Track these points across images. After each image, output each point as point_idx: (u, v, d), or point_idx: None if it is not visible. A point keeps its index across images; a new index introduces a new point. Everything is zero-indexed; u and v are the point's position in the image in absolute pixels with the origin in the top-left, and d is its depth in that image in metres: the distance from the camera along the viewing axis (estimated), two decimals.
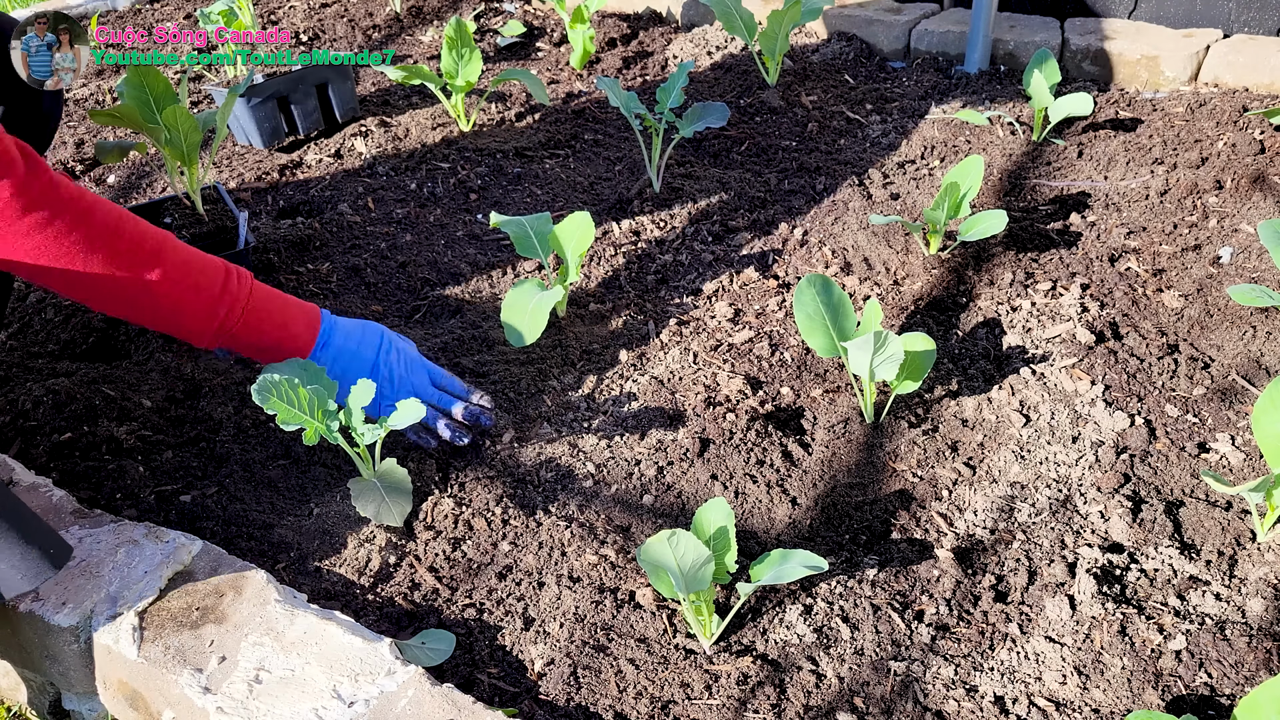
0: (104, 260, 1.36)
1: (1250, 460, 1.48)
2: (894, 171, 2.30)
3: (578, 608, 1.31)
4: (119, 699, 1.26)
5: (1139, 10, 2.76)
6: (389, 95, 2.81)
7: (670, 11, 3.25)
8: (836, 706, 1.18)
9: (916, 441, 1.56)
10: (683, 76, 2.20)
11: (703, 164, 2.39)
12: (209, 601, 1.27)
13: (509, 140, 2.52)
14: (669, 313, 1.89)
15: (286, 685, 1.16)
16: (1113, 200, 2.12)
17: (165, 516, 1.46)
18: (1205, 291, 1.81)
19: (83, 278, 1.36)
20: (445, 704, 1.12)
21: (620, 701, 1.20)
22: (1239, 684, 1.17)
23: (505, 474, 1.54)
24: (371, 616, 1.32)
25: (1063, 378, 1.64)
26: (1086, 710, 1.16)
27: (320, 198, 2.30)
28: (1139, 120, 2.39)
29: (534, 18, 3.33)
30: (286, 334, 1.52)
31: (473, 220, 2.21)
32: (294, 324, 1.53)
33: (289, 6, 3.48)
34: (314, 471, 1.56)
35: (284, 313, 1.53)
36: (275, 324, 1.51)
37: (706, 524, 1.28)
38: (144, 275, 1.39)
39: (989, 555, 1.37)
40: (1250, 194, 2.02)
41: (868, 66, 2.84)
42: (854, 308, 1.71)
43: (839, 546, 1.40)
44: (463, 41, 2.41)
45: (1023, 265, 1.93)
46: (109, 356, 1.82)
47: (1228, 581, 1.30)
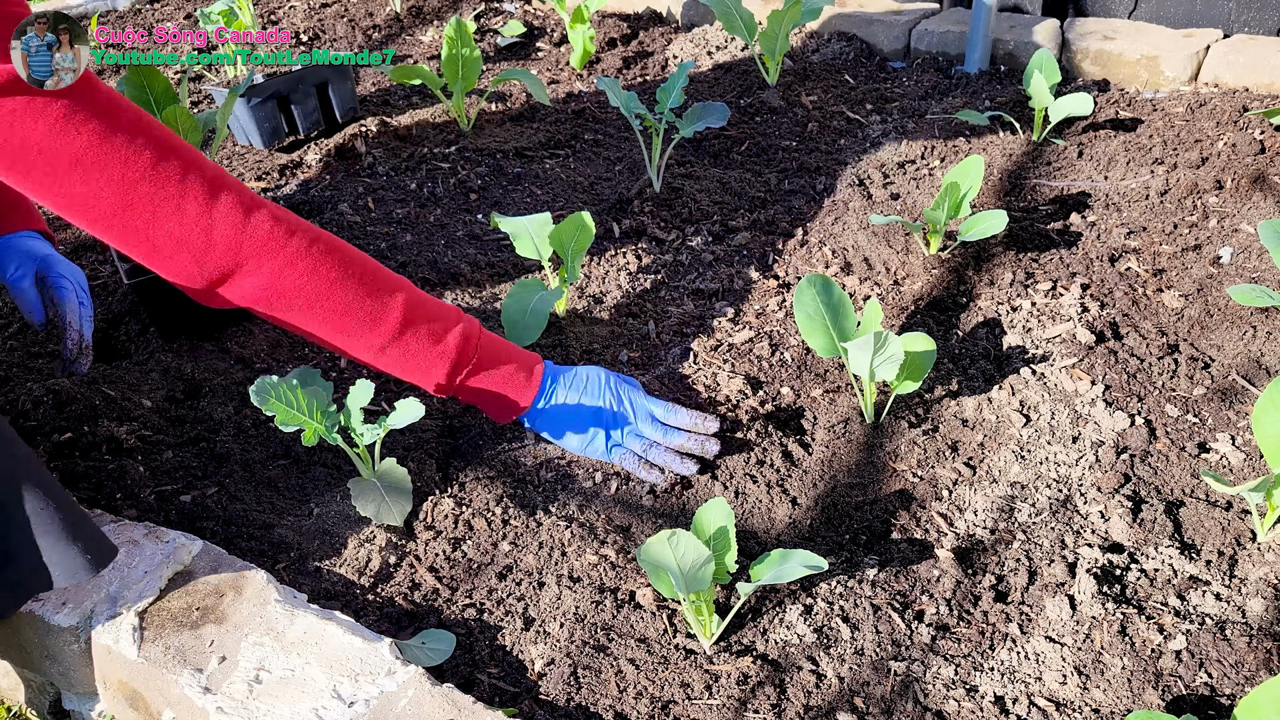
0: (357, 286, 1.36)
1: (1250, 460, 1.48)
2: (894, 171, 2.30)
3: (578, 608, 1.31)
4: (119, 699, 1.26)
5: (1139, 10, 2.76)
6: (389, 95, 2.81)
7: (670, 11, 3.25)
8: (837, 706, 1.18)
9: (916, 441, 1.56)
10: (683, 76, 2.20)
11: (703, 164, 2.39)
12: (209, 601, 1.27)
13: (509, 140, 2.52)
14: (669, 313, 1.89)
15: (286, 685, 1.16)
16: (1113, 200, 2.12)
17: (165, 516, 1.46)
18: (1205, 291, 1.81)
19: (332, 306, 1.35)
20: (445, 704, 1.12)
21: (620, 701, 1.20)
22: (1239, 684, 1.17)
23: (505, 474, 1.54)
24: (371, 616, 1.32)
25: (1063, 378, 1.64)
26: (1086, 710, 1.16)
27: (320, 198, 2.30)
28: (1139, 120, 2.39)
29: (534, 18, 3.33)
30: (509, 387, 1.50)
31: (473, 220, 2.22)
32: (515, 379, 1.50)
33: (289, 6, 3.48)
34: (314, 471, 1.56)
35: (509, 363, 1.50)
36: (500, 378, 1.49)
37: (706, 524, 1.28)
38: (388, 301, 1.38)
39: (989, 555, 1.37)
40: (1250, 194, 2.02)
41: (868, 66, 2.84)
42: (854, 308, 1.71)
43: (839, 546, 1.40)
44: (463, 41, 2.41)
45: (1023, 265, 1.93)
46: (109, 356, 1.82)
47: (1228, 581, 1.30)
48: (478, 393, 1.50)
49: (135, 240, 1.27)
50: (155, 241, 1.27)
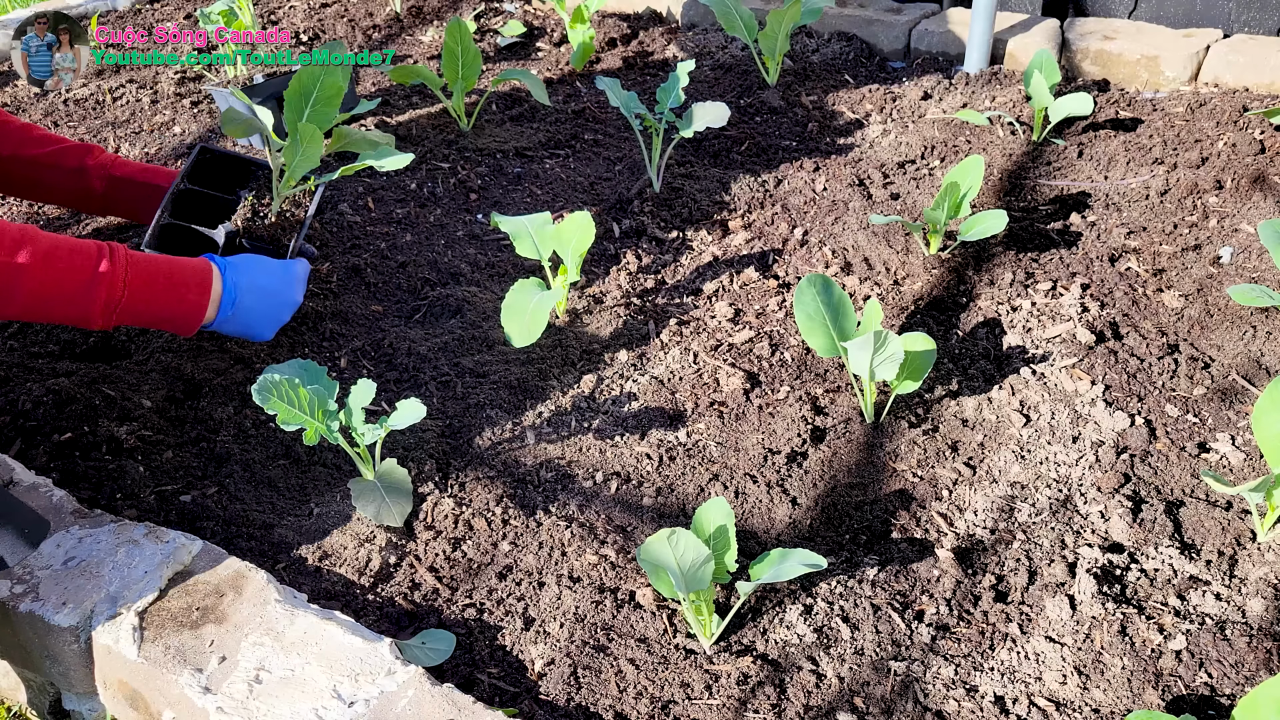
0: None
1: (1250, 460, 1.48)
2: (894, 171, 2.30)
3: (578, 608, 1.31)
4: (119, 699, 1.26)
5: (1139, 10, 2.76)
6: (389, 95, 2.81)
7: (670, 11, 3.25)
8: (836, 706, 1.18)
9: (917, 441, 1.56)
10: (683, 76, 2.20)
11: (703, 164, 2.39)
12: (209, 601, 1.27)
13: (509, 140, 2.52)
14: (669, 313, 1.89)
15: (286, 685, 1.16)
16: (1113, 200, 2.12)
17: (165, 516, 1.46)
18: (1205, 291, 1.81)
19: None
20: (445, 704, 1.12)
21: (620, 701, 1.20)
22: (1239, 684, 1.17)
23: (505, 474, 1.54)
24: (372, 616, 1.32)
25: (1063, 378, 1.64)
26: (1086, 710, 1.16)
27: (320, 197, 2.30)
28: (1139, 120, 2.39)
29: (534, 18, 3.33)
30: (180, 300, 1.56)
31: (473, 220, 2.22)
32: (186, 289, 1.56)
33: (289, 6, 3.48)
34: (314, 471, 1.56)
35: (172, 278, 1.55)
36: (162, 289, 1.54)
37: (706, 523, 1.28)
38: (13, 260, 1.39)
39: (989, 555, 1.37)
40: (1250, 194, 2.02)
41: (868, 66, 2.84)
42: (854, 308, 1.71)
43: (839, 546, 1.40)
44: (463, 41, 2.41)
45: (1023, 265, 1.93)
46: (109, 356, 1.82)
47: (1228, 581, 1.30)
48: (146, 319, 1.56)
49: None
50: None
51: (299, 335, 1.84)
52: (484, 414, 1.66)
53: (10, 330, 1.90)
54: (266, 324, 1.70)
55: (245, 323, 1.66)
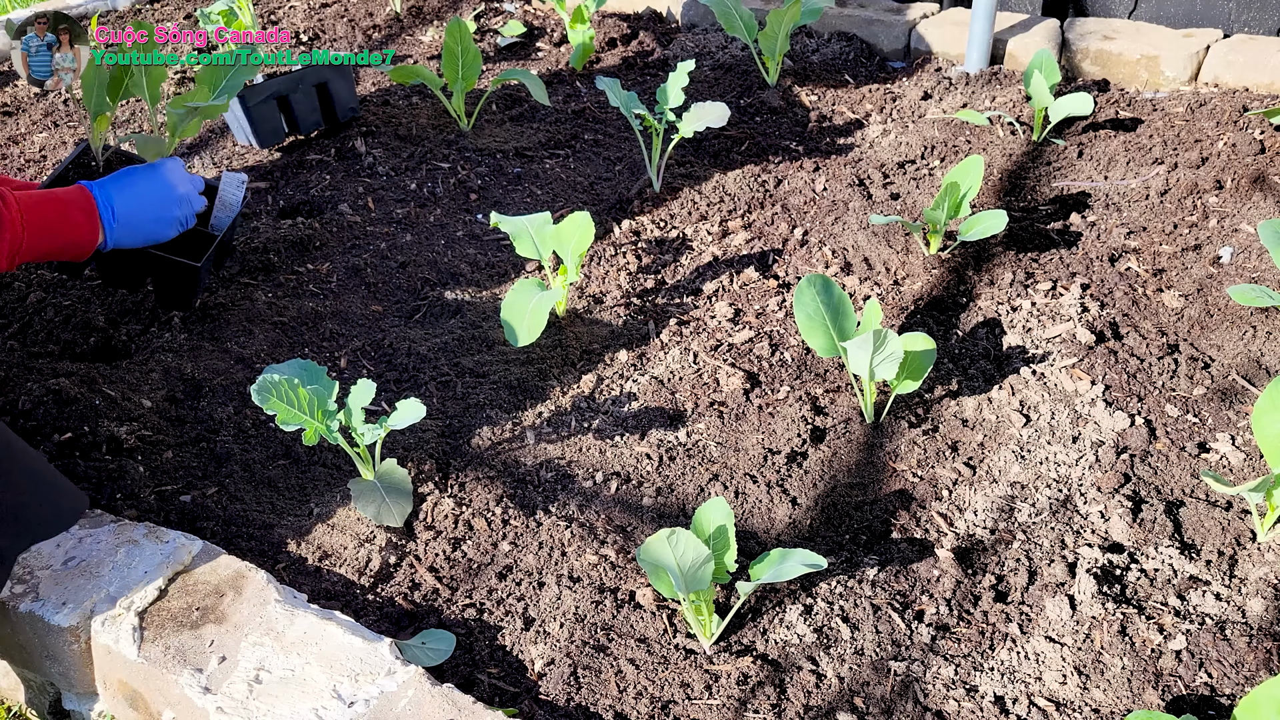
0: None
1: (1250, 460, 1.48)
2: (894, 171, 2.30)
3: (578, 608, 1.31)
4: (119, 699, 1.26)
5: (1139, 10, 2.76)
6: (389, 95, 2.81)
7: (670, 11, 3.25)
8: (836, 706, 1.18)
9: (917, 441, 1.56)
10: (683, 76, 2.20)
11: (703, 164, 2.39)
12: (209, 601, 1.27)
13: (509, 140, 2.52)
14: (669, 313, 1.89)
15: (286, 685, 1.16)
16: (1113, 200, 2.12)
17: (165, 516, 1.46)
18: (1205, 291, 1.81)
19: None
20: (445, 704, 1.12)
21: (620, 701, 1.20)
22: (1239, 684, 1.17)
23: (505, 474, 1.54)
24: (371, 616, 1.32)
25: (1063, 378, 1.64)
26: (1086, 710, 1.16)
27: (320, 198, 2.30)
28: (1139, 120, 2.39)
29: (534, 18, 3.33)
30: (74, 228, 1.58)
31: (473, 220, 2.22)
32: (74, 215, 1.58)
33: (289, 6, 3.48)
34: (314, 471, 1.56)
35: (60, 209, 1.57)
36: (54, 220, 1.56)
37: (706, 523, 1.28)
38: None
39: (989, 555, 1.37)
40: (1250, 194, 2.02)
41: (868, 66, 2.84)
42: (854, 308, 1.71)
43: (839, 546, 1.40)
44: (463, 41, 2.41)
45: (1023, 265, 1.93)
46: (109, 356, 1.82)
47: (1228, 581, 1.30)
48: (46, 253, 1.57)
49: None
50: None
51: (299, 335, 1.84)
52: (484, 414, 1.66)
53: (10, 330, 1.90)
54: (159, 225, 1.70)
55: (135, 228, 1.66)
